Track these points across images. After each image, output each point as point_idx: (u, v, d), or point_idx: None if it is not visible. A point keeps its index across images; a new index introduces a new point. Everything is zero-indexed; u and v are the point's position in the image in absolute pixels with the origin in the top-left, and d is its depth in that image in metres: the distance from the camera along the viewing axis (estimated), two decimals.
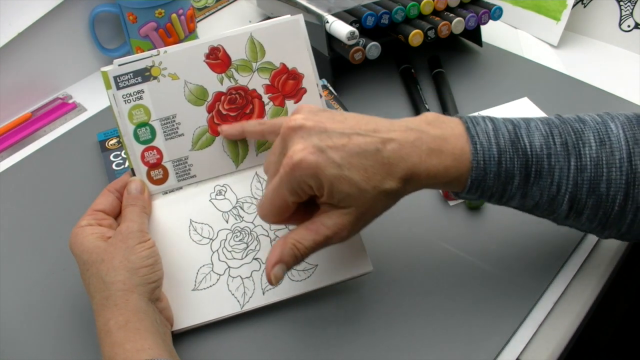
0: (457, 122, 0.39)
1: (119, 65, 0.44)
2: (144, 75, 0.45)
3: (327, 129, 0.36)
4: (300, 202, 0.38)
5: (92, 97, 0.68)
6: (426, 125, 0.38)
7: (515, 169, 0.38)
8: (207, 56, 0.45)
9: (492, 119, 0.39)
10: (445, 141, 0.37)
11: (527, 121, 0.39)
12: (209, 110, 0.46)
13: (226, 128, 0.46)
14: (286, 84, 0.47)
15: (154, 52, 0.45)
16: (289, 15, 0.46)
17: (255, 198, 0.46)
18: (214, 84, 0.46)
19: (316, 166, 0.35)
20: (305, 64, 0.47)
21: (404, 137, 0.37)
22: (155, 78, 0.45)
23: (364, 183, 0.36)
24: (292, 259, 0.37)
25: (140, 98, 0.45)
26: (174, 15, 0.66)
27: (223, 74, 0.46)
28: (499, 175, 0.38)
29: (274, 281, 0.38)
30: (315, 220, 0.37)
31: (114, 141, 0.60)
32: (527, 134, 0.38)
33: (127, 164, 0.57)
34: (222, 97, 0.46)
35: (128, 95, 0.45)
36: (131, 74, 0.44)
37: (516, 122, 0.39)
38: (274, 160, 0.39)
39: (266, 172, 0.42)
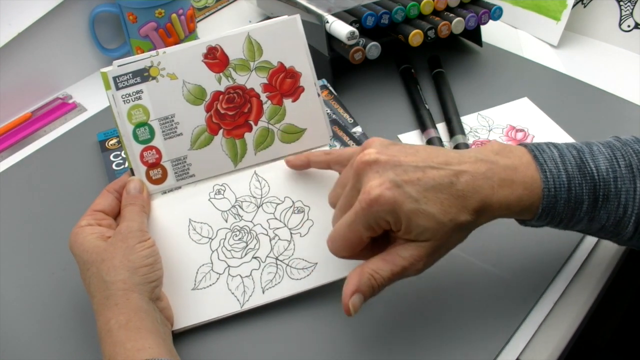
0: (523, 150, 0.39)
1: (118, 66, 0.44)
2: (143, 75, 0.45)
3: (401, 162, 0.36)
4: (374, 236, 0.38)
5: (92, 97, 0.68)
6: (495, 155, 0.38)
7: (584, 194, 0.38)
8: (205, 56, 0.46)
9: (555, 145, 0.39)
10: (516, 171, 0.37)
11: (589, 145, 0.40)
12: (208, 110, 0.46)
13: (292, 159, 0.46)
14: (284, 83, 0.47)
15: (153, 53, 0.45)
16: (286, 16, 0.47)
17: (254, 197, 0.46)
18: (212, 83, 0.46)
19: (394, 202, 0.35)
20: (303, 63, 0.47)
21: (475, 168, 0.37)
22: (154, 78, 0.45)
23: (441, 216, 0.35)
24: (368, 290, 0.37)
25: (139, 98, 0.45)
26: (174, 15, 0.66)
27: (221, 74, 0.46)
28: (569, 201, 0.38)
29: (352, 311, 0.37)
30: (391, 252, 0.37)
31: (114, 141, 0.60)
32: (592, 159, 0.38)
33: (127, 164, 0.57)
34: (221, 97, 0.46)
35: (127, 96, 0.45)
36: (130, 75, 0.45)
37: (579, 147, 0.39)
38: (341, 192, 0.39)
39: (331, 204, 0.42)
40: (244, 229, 0.46)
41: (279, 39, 0.46)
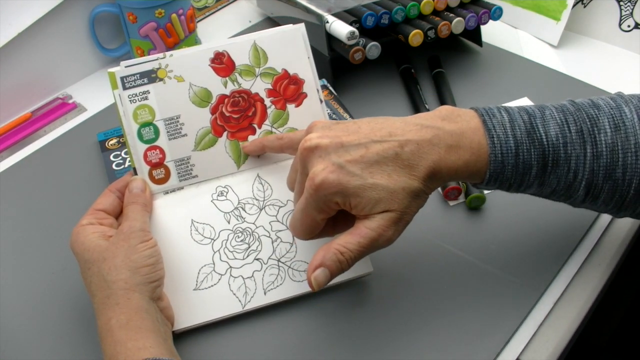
0: (472, 114, 0.39)
1: (126, 66, 0.45)
2: (150, 76, 0.46)
3: (343, 143, 0.37)
4: (329, 217, 0.39)
5: (92, 97, 0.68)
6: (441, 121, 0.38)
7: (533, 160, 0.38)
8: (213, 60, 0.47)
9: (507, 110, 0.40)
10: (462, 136, 0.38)
11: (542, 109, 0.39)
12: (213, 112, 0.47)
13: (248, 144, 0.47)
14: (287, 89, 0.48)
15: (160, 55, 0.46)
16: (291, 25, 0.48)
17: (257, 199, 0.47)
18: (218, 87, 0.47)
19: (338, 183, 0.36)
20: (306, 70, 0.48)
21: (420, 136, 0.37)
22: (161, 80, 0.46)
23: (391, 185, 0.36)
24: (334, 264, 0.37)
25: (146, 98, 0.45)
26: (174, 15, 0.66)
27: (227, 78, 0.47)
28: (517, 167, 0.38)
29: (314, 286, 0.38)
30: (358, 225, 0.38)
31: (114, 141, 0.60)
32: (542, 124, 0.38)
33: (127, 164, 0.57)
34: (226, 100, 0.47)
35: (134, 96, 0.45)
36: (137, 75, 0.45)
37: (531, 112, 0.39)
38: (295, 178, 0.40)
39: (289, 187, 0.43)
40: (246, 230, 0.46)
41: (283, 47, 0.48)
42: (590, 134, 0.38)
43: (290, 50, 0.48)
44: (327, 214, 0.38)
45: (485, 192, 0.52)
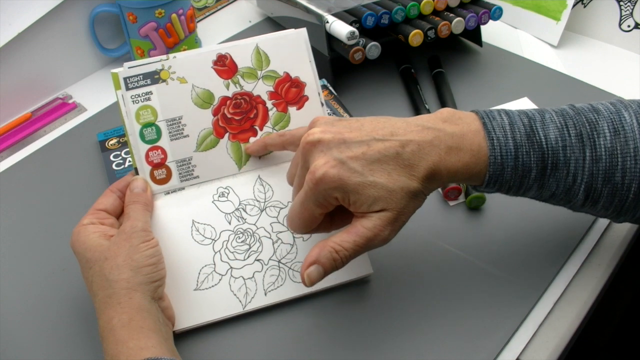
0: (473, 117, 0.39)
1: (129, 67, 0.45)
2: (153, 77, 0.46)
3: (345, 139, 0.37)
4: (327, 212, 0.39)
5: (92, 97, 0.68)
6: (442, 123, 0.38)
7: (532, 163, 0.38)
8: (215, 63, 0.47)
9: (507, 112, 0.40)
10: (463, 138, 0.38)
11: (542, 113, 0.40)
12: (215, 114, 0.47)
13: (251, 146, 0.47)
14: (289, 92, 0.48)
15: (164, 57, 0.46)
16: (293, 29, 0.48)
17: (258, 201, 0.47)
18: (221, 88, 0.47)
19: (339, 178, 0.36)
20: (308, 74, 0.48)
21: (421, 137, 0.37)
22: (164, 81, 0.46)
23: (390, 184, 0.36)
24: (328, 262, 0.37)
25: (148, 99, 0.46)
26: (174, 15, 0.66)
27: (229, 80, 0.47)
28: (516, 169, 0.38)
29: (307, 282, 0.38)
30: (355, 224, 0.38)
31: (114, 141, 0.60)
32: (542, 127, 0.38)
33: (127, 164, 0.57)
34: (228, 102, 0.47)
35: (136, 96, 0.46)
36: (141, 76, 0.46)
37: (531, 115, 0.39)
38: (295, 172, 0.40)
39: (289, 182, 0.43)
40: (247, 231, 0.46)
41: (285, 51, 0.48)
42: (590, 138, 0.38)
43: (292, 53, 0.48)
44: (325, 208, 0.38)
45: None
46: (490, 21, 0.65)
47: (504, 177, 0.38)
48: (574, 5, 0.70)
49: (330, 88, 0.64)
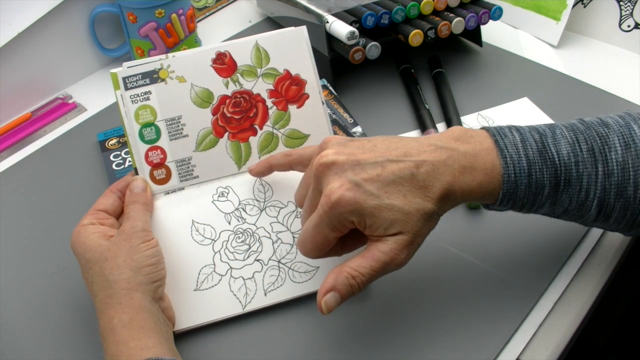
0: (484, 135, 0.39)
1: (128, 67, 0.45)
2: (152, 77, 0.46)
3: (359, 161, 0.36)
4: (341, 236, 0.38)
5: (92, 97, 0.68)
6: (455, 141, 0.38)
7: (545, 179, 0.38)
8: (214, 61, 0.47)
9: (518, 129, 0.39)
10: (476, 157, 0.37)
11: (552, 129, 0.39)
12: (214, 113, 0.47)
13: (255, 167, 0.46)
14: (289, 90, 0.48)
15: (162, 56, 0.46)
16: (293, 27, 0.48)
17: (258, 200, 0.47)
18: (220, 87, 0.47)
19: (355, 202, 0.35)
20: (308, 71, 0.48)
21: (435, 157, 0.37)
22: (162, 80, 0.46)
23: (406, 207, 0.35)
24: (345, 288, 0.37)
25: (147, 99, 0.46)
26: (174, 15, 0.66)
27: (229, 78, 0.47)
28: (530, 187, 0.38)
29: (325, 310, 0.37)
30: (371, 248, 0.37)
31: (114, 141, 0.60)
32: (553, 143, 0.38)
33: (127, 164, 0.57)
34: (227, 100, 0.47)
35: (135, 96, 0.45)
36: (139, 76, 0.45)
37: (542, 131, 0.39)
38: (306, 194, 0.39)
39: (298, 204, 0.43)
40: (247, 231, 0.46)
41: (285, 48, 0.48)
42: (601, 153, 0.38)
43: (293, 51, 0.48)
44: (340, 232, 0.37)
45: None
46: (490, 21, 0.65)
47: (517, 195, 0.38)
48: (574, 5, 0.70)
49: (330, 88, 0.64)
